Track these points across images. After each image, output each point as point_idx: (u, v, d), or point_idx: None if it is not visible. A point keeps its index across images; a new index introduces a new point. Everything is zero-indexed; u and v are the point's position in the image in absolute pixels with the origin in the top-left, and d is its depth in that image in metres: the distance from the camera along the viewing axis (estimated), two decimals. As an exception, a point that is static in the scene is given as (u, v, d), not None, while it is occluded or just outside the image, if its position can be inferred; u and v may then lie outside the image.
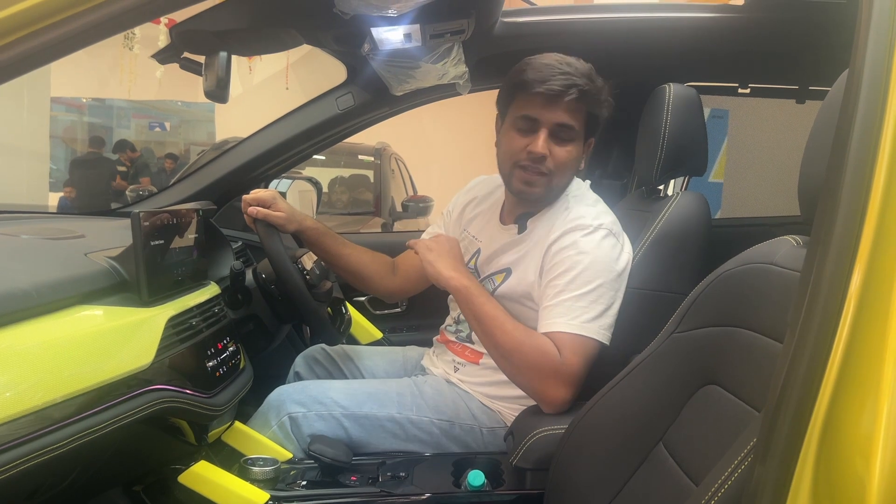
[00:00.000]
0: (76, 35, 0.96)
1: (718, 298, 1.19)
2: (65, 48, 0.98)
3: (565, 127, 1.57)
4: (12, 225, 1.62)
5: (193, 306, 1.39)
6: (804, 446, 0.68)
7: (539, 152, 1.56)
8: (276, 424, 1.65)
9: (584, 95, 1.54)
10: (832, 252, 0.72)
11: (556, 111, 1.55)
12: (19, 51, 0.94)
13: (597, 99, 1.58)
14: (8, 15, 0.92)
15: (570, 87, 1.52)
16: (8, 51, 0.93)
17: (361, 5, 1.42)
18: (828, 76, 1.00)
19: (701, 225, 1.67)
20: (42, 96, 7.84)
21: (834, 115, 0.82)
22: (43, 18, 0.94)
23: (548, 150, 1.57)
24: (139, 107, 12.31)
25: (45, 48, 0.96)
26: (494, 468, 1.57)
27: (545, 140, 1.56)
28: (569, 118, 1.56)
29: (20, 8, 0.92)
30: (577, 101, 1.55)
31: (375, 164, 6.05)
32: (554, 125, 1.56)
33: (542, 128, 1.57)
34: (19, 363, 0.94)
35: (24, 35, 0.93)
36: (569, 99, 1.53)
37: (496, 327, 1.53)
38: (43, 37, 0.94)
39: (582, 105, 1.57)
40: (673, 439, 1.22)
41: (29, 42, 0.94)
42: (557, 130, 1.57)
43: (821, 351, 0.70)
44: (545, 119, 1.56)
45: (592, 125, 1.63)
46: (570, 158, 1.60)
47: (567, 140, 1.59)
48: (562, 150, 1.59)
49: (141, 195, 3.12)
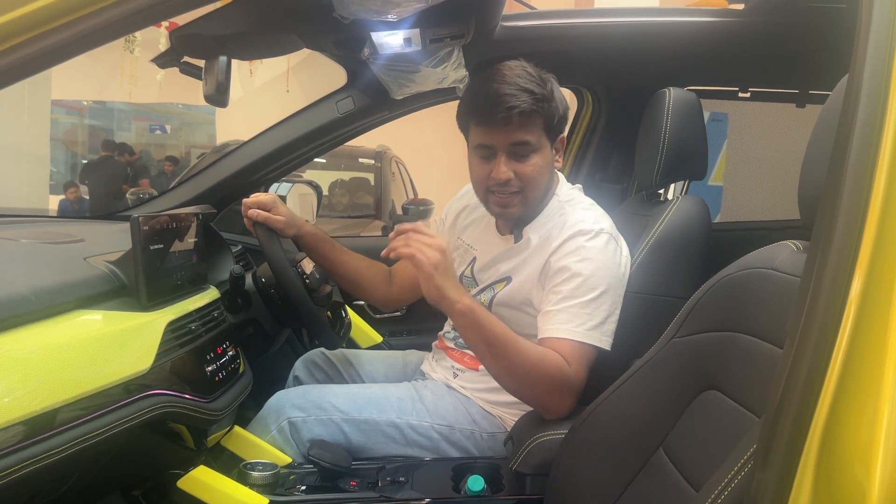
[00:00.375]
0: (78, 39, 0.96)
1: (718, 303, 1.18)
2: (67, 52, 0.98)
3: (521, 144, 1.56)
4: (12, 229, 1.62)
5: (193, 311, 1.38)
6: (804, 453, 0.68)
7: (502, 178, 1.57)
8: (275, 429, 1.65)
9: (529, 111, 1.53)
10: (832, 257, 0.72)
11: (508, 133, 1.55)
12: (22, 55, 0.94)
13: (546, 106, 1.56)
14: (11, 19, 0.92)
15: (512, 108, 1.51)
16: (11, 54, 0.93)
17: (361, 10, 1.41)
18: (828, 80, 1.00)
19: (701, 229, 1.67)
20: (43, 99, 7.85)
21: (834, 119, 0.82)
22: (45, 22, 0.94)
23: (511, 172, 1.57)
24: (140, 109, 12.34)
25: (48, 52, 0.96)
26: (494, 473, 1.57)
27: (505, 163, 1.57)
28: (523, 135, 1.55)
29: (23, 12, 0.92)
30: (527, 118, 1.54)
31: (376, 167, 6.06)
32: (509, 146, 1.56)
33: (500, 153, 1.57)
34: (18, 368, 0.94)
35: (27, 38, 0.93)
36: (514, 121, 1.52)
37: (509, 349, 1.46)
38: (46, 41, 0.94)
39: (534, 119, 1.56)
40: (673, 444, 1.21)
41: (32, 46, 0.94)
42: (515, 150, 1.57)
43: (821, 357, 0.70)
44: (500, 143, 1.56)
45: (553, 127, 1.61)
46: (537, 170, 1.59)
47: (527, 154, 1.58)
48: (526, 167, 1.58)
49: (141, 198, 3.13)
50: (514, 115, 1.51)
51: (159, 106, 12.00)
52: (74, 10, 0.94)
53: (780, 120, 2.98)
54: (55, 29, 0.94)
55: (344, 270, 1.92)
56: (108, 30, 0.98)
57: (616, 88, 2.29)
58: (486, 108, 1.54)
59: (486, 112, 1.54)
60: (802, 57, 2.06)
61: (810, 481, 0.68)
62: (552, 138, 1.63)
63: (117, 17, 0.97)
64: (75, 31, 0.95)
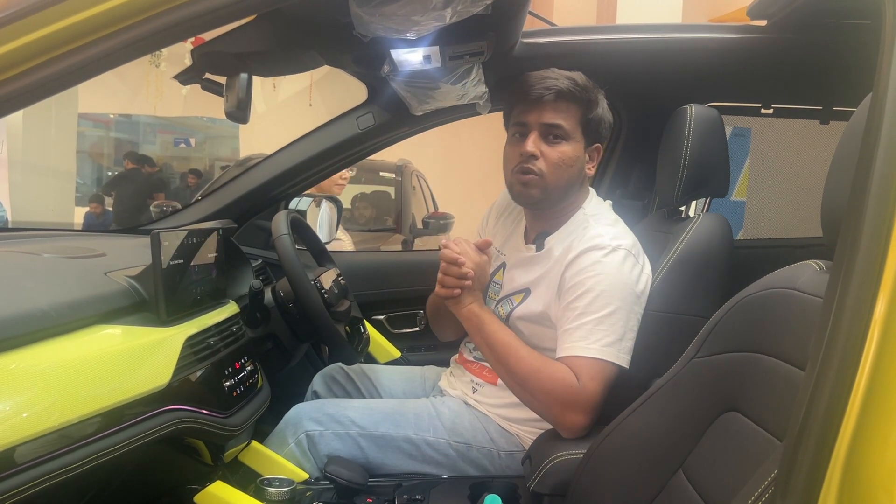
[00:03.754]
0: (106, 56, 0.98)
1: (739, 324, 1.17)
2: (95, 68, 0.99)
3: (554, 126, 1.61)
4: (36, 243, 1.64)
5: (212, 325, 1.39)
6: (826, 480, 0.67)
7: (528, 151, 1.61)
8: (293, 442, 1.65)
9: (566, 94, 1.60)
10: (855, 278, 0.71)
11: (542, 112, 1.62)
12: (51, 71, 0.95)
13: (584, 95, 1.62)
14: (41, 36, 0.93)
15: (549, 88, 1.60)
16: (41, 71, 0.95)
17: (380, 28, 1.42)
18: (852, 97, 0.99)
19: (723, 247, 1.66)
20: (70, 113, 7.99)
21: (858, 136, 0.80)
22: (75, 39, 0.95)
23: (538, 150, 1.61)
24: (165, 123, 12.47)
25: (76, 69, 0.97)
26: (511, 492, 1.56)
27: (535, 140, 1.62)
28: (556, 117, 1.61)
29: (53, 29, 0.93)
30: (564, 101, 1.61)
31: (396, 181, 6.07)
32: (542, 126, 1.62)
33: (532, 130, 1.63)
34: (37, 383, 0.95)
35: (57, 55, 0.95)
36: (548, 98, 1.59)
37: (510, 354, 1.54)
38: (75, 57, 0.96)
39: (570, 105, 1.62)
40: (693, 467, 1.20)
41: (61, 63, 0.95)
42: (547, 131, 1.62)
43: (844, 380, 0.68)
44: (532, 121, 1.62)
45: (590, 128, 1.66)
46: (563, 158, 1.62)
47: (558, 139, 1.62)
48: (553, 151, 1.62)
49: (164, 211, 3.15)
50: (551, 94, 1.59)
51: (184, 119, 12.12)
52: (102, 28, 0.96)
53: (805, 135, 2.95)
54: (83, 46, 0.96)
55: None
56: (135, 47, 0.99)
57: (636, 105, 2.28)
58: (525, 87, 1.62)
59: (524, 90, 1.62)
60: (826, 73, 2.04)
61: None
62: (587, 137, 1.66)
63: (147, 33, 0.98)
64: (103, 48, 0.97)
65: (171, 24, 0.99)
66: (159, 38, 1.01)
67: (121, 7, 0.95)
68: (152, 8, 0.97)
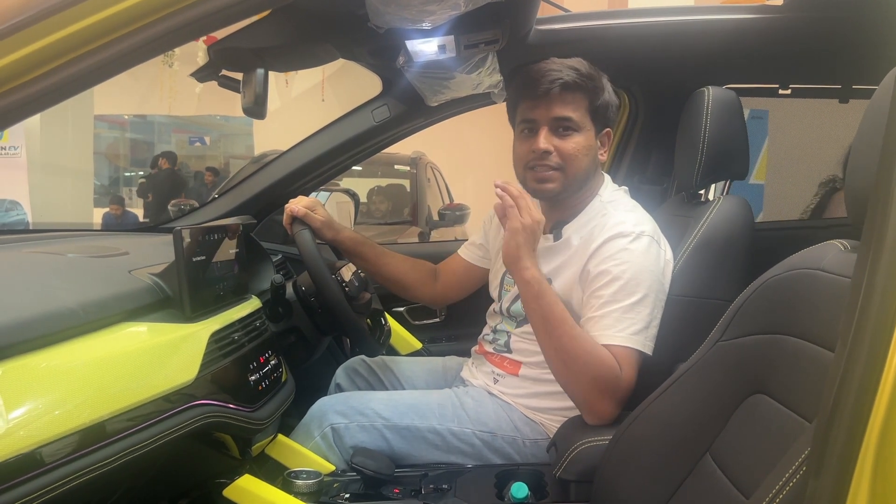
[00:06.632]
0: (123, 56, 0.98)
1: (764, 306, 1.16)
2: (113, 69, 0.99)
3: (563, 119, 1.60)
4: (59, 243, 1.66)
5: (236, 321, 1.40)
6: (860, 459, 0.66)
7: (541, 148, 1.59)
8: (318, 435, 1.66)
9: (571, 86, 1.58)
10: (885, 256, 0.70)
11: (550, 107, 1.59)
12: (68, 73, 0.96)
13: (590, 84, 1.61)
14: (58, 39, 0.94)
15: (555, 81, 1.57)
16: (57, 74, 0.95)
17: (395, 19, 1.42)
18: (873, 75, 0.97)
19: (744, 229, 1.64)
20: (86, 115, 8.04)
21: (883, 113, 0.79)
22: (88, 42, 0.96)
23: (551, 145, 1.60)
24: (179, 122, 12.56)
25: (92, 70, 0.97)
26: (538, 480, 1.56)
27: (546, 136, 1.60)
28: (564, 110, 1.59)
29: (69, 31, 0.94)
30: (570, 92, 1.59)
31: (411, 174, 6.07)
32: (551, 120, 1.60)
33: (541, 126, 1.61)
34: (67, 381, 0.96)
35: (73, 58, 0.95)
36: (555, 92, 1.57)
37: (564, 331, 1.47)
38: (91, 59, 0.96)
39: (577, 95, 1.60)
40: (720, 450, 1.19)
41: (77, 65, 0.96)
42: (557, 125, 1.60)
43: (875, 359, 0.68)
44: (541, 117, 1.61)
45: (598, 114, 1.64)
46: (578, 149, 1.61)
47: (569, 132, 1.61)
48: (567, 143, 1.60)
49: (183, 209, 3.17)
50: (557, 87, 1.57)
51: (198, 118, 12.19)
52: (119, 28, 0.96)
53: (823, 114, 2.92)
54: (101, 47, 0.96)
55: (387, 272, 1.95)
56: (151, 46, 1.00)
57: (653, 89, 2.27)
58: (530, 82, 1.60)
59: (529, 86, 1.60)
60: (845, 51, 2.01)
61: (867, 488, 0.66)
62: (597, 124, 1.65)
63: (162, 32, 0.98)
64: (116, 49, 0.97)
65: (187, 22, 0.99)
66: (175, 36, 1.01)
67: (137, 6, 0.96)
68: (167, 7, 0.98)
